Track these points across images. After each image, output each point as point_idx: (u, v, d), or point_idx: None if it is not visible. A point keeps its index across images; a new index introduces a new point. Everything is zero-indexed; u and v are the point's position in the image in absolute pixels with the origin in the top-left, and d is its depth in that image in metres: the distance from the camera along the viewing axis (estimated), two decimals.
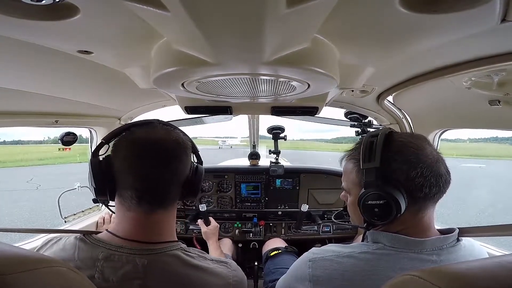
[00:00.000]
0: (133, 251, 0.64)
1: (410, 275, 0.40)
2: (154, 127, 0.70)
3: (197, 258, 0.70)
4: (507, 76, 0.78)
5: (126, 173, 0.66)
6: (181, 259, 0.67)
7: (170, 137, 0.69)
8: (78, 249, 0.65)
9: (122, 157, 0.66)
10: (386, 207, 0.64)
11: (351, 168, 0.77)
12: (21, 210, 8.33)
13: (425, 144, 0.68)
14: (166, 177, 0.68)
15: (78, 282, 0.46)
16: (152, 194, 0.67)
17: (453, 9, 0.45)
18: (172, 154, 0.68)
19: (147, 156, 0.66)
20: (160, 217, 0.70)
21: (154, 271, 0.63)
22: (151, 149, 0.66)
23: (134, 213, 0.67)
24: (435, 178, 0.64)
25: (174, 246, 0.69)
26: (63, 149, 1.81)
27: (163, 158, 0.67)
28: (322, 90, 0.83)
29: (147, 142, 0.67)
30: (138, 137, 0.67)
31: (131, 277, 0.62)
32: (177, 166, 0.69)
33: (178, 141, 0.70)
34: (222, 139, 50.02)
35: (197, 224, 1.68)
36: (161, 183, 0.67)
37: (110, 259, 0.63)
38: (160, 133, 0.69)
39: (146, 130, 0.69)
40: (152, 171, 0.66)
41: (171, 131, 0.72)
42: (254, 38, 0.48)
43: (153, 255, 0.65)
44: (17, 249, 0.42)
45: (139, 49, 0.67)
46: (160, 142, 0.67)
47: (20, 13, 0.46)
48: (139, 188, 0.65)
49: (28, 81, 0.88)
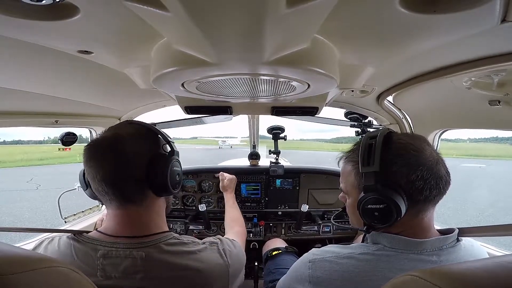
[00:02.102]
0: (127, 245, 0.66)
1: (410, 275, 0.40)
2: (109, 129, 0.72)
3: (191, 244, 0.72)
4: (507, 76, 0.78)
5: (90, 179, 0.69)
6: (176, 247, 0.69)
7: (116, 135, 0.69)
8: (74, 248, 0.67)
9: (85, 165, 0.70)
10: (386, 211, 0.63)
11: (349, 171, 0.76)
12: (21, 210, 8.32)
13: (425, 145, 0.68)
14: (116, 174, 0.67)
15: (79, 282, 0.46)
16: (112, 193, 0.67)
17: (453, 9, 0.45)
18: (115, 150, 0.67)
19: (95, 158, 0.68)
20: (135, 213, 0.70)
21: (153, 263, 0.65)
22: (97, 151, 0.68)
23: (113, 211, 0.71)
24: (435, 181, 0.64)
25: (167, 236, 0.71)
26: (63, 149, 1.80)
27: (108, 156, 0.67)
28: (322, 90, 0.83)
29: (95, 145, 0.69)
30: (90, 143, 0.70)
31: (132, 271, 0.64)
32: (122, 161, 0.67)
33: (125, 136, 0.69)
34: (222, 139, 50.04)
35: (197, 224, 1.67)
36: (113, 181, 0.67)
37: (108, 255, 0.65)
38: (108, 132, 0.71)
39: (101, 134, 0.72)
40: (102, 171, 0.66)
41: (125, 127, 0.74)
42: (254, 38, 0.48)
43: (148, 247, 0.67)
44: (18, 249, 0.42)
45: (139, 49, 0.67)
46: (105, 142, 0.68)
47: (20, 13, 0.46)
48: (100, 189, 0.68)
49: (28, 81, 0.88)
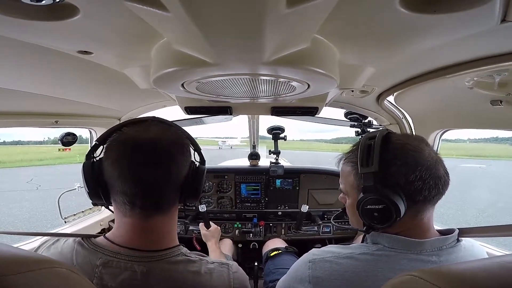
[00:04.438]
0: (130, 258, 0.62)
1: (409, 275, 0.40)
2: (148, 126, 0.65)
3: (198, 262, 0.67)
4: (509, 76, 0.78)
5: (116, 177, 0.61)
6: (181, 265, 0.65)
7: (163, 136, 0.64)
8: (76, 253, 0.63)
9: (112, 160, 0.62)
10: (386, 212, 0.63)
11: (348, 172, 0.76)
12: (21, 211, 8.32)
13: (423, 145, 0.68)
14: (159, 179, 0.63)
15: (78, 283, 0.45)
16: (145, 199, 0.62)
17: (453, 9, 0.45)
18: (164, 154, 0.63)
19: (136, 158, 0.61)
20: (158, 223, 0.66)
21: (154, 279, 0.61)
22: (140, 150, 0.61)
23: (130, 219, 0.64)
24: (434, 181, 0.64)
25: (175, 251, 0.67)
26: (63, 150, 1.79)
27: (154, 159, 0.62)
28: (322, 90, 0.83)
29: (137, 143, 0.62)
30: (128, 137, 0.63)
31: (129, 284, 0.60)
32: (170, 167, 0.64)
33: (172, 140, 0.65)
34: (222, 140, 49.97)
35: (197, 224, 1.68)
36: (153, 186, 0.62)
37: (109, 265, 0.61)
38: (152, 132, 0.64)
39: (137, 130, 0.64)
40: (142, 174, 0.61)
41: (165, 129, 0.67)
42: (254, 38, 0.48)
43: (152, 262, 0.63)
44: (17, 250, 0.42)
45: (139, 49, 0.67)
46: (151, 142, 0.62)
47: (20, 13, 0.46)
48: (129, 193, 0.61)
49: (28, 81, 0.88)
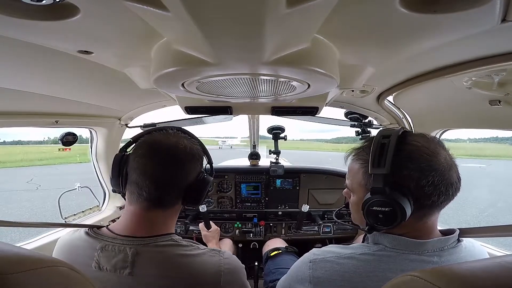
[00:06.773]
0: (123, 242, 0.69)
1: (410, 276, 0.40)
2: (171, 134, 0.78)
3: (188, 247, 0.73)
4: (508, 76, 0.78)
5: (134, 169, 0.72)
6: (169, 248, 0.71)
7: (179, 144, 0.75)
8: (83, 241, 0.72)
9: (136, 155, 0.74)
10: (391, 214, 0.62)
11: (357, 169, 0.73)
12: (21, 211, 8.32)
13: (440, 149, 0.65)
14: (165, 178, 0.72)
15: (79, 282, 0.45)
16: (150, 192, 0.71)
17: (453, 9, 0.45)
18: (175, 158, 0.73)
19: (153, 157, 0.72)
20: (157, 216, 0.74)
21: (142, 261, 0.67)
22: (158, 151, 0.73)
23: (134, 208, 0.73)
24: (445, 187, 0.62)
25: (165, 238, 0.73)
26: (63, 150, 1.80)
27: (166, 161, 0.72)
28: (322, 90, 0.83)
29: (157, 145, 0.74)
30: (153, 140, 0.75)
31: (121, 266, 0.66)
32: (178, 170, 0.74)
33: (185, 149, 0.75)
34: (222, 139, 49.95)
35: (197, 224, 1.68)
36: (159, 183, 0.71)
37: (105, 249, 0.68)
38: (172, 139, 0.75)
39: (161, 134, 0.77)
40: (153, 170, 0.71)
41: (184, 139, 0.77)
42: (254, 38, 0.48)
43: (143, 245, 0.69)
44: (19, 248, 0.42)
45: (139, 49, 0.67)
46: (168, 147, 0.74)
47: (20, 13, 0.46)
48: (140, 184, 0.71)
49: (28, 81, 0.88)
